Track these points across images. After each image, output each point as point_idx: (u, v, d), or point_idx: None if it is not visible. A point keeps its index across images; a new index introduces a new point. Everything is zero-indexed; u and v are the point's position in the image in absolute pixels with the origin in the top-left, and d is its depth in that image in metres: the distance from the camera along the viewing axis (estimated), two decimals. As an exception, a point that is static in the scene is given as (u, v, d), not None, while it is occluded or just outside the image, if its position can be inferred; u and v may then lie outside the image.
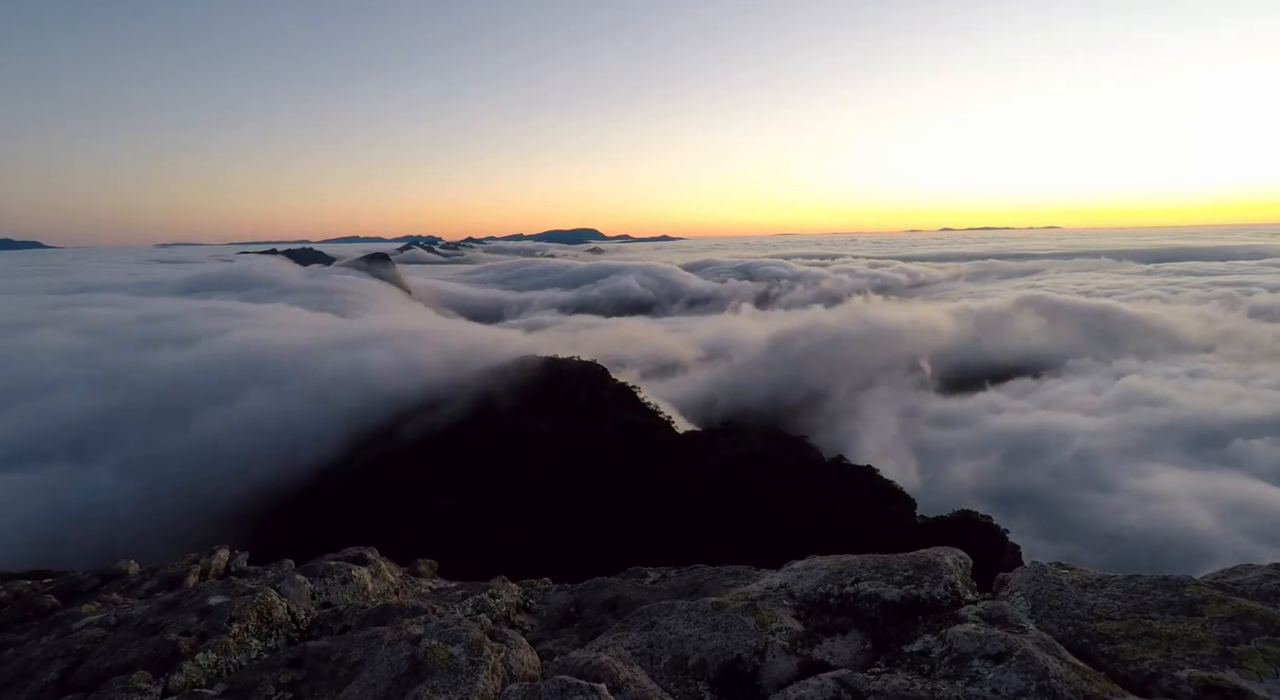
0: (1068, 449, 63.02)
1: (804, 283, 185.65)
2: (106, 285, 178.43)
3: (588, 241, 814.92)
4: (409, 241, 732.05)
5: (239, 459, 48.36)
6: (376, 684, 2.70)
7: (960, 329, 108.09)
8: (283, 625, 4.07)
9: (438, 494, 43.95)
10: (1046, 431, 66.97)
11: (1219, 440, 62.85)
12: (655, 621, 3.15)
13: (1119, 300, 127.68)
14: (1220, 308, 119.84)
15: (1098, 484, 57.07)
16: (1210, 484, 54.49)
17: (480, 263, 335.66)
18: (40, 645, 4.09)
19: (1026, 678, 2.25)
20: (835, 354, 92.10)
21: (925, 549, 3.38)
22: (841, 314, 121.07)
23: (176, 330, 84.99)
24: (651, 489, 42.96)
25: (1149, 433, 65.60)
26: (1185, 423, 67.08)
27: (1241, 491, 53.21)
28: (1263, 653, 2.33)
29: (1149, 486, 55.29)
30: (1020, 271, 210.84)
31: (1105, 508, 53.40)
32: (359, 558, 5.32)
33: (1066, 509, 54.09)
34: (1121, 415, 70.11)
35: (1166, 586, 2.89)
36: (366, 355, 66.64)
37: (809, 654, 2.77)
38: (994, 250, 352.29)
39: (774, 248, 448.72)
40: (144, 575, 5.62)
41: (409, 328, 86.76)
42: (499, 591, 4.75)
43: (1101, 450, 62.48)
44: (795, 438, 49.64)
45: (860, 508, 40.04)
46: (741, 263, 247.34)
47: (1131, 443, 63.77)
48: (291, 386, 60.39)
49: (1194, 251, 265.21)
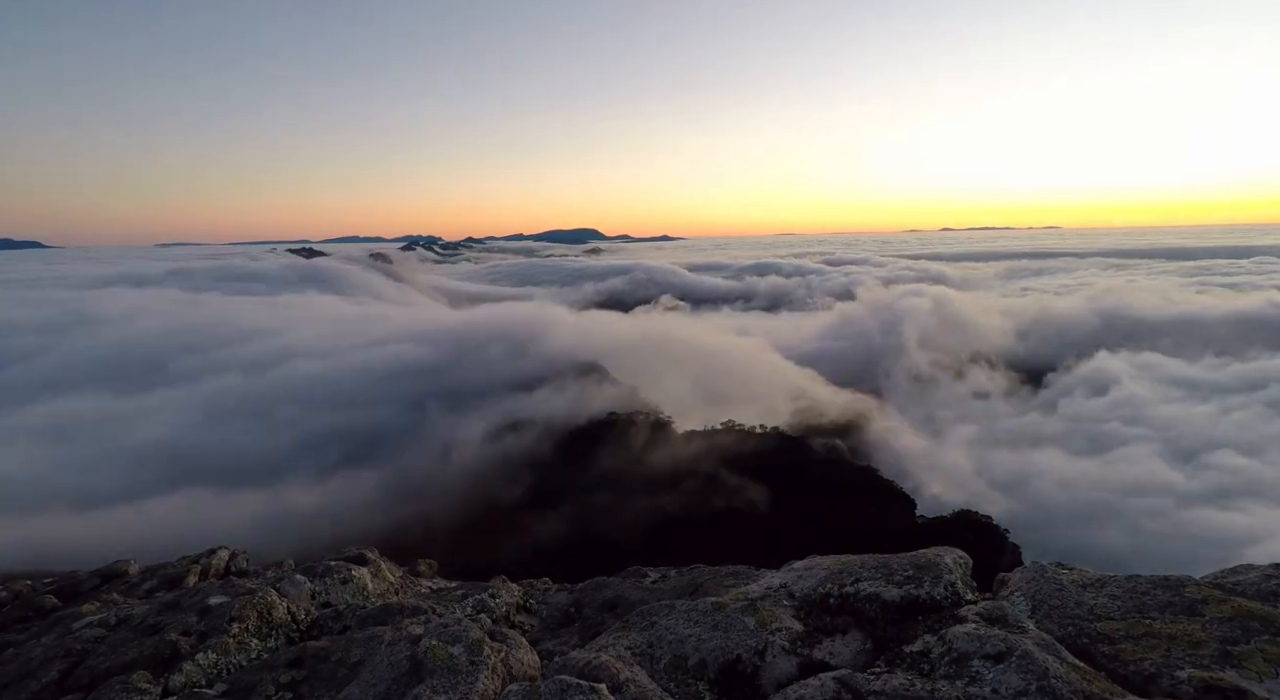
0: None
1: (855, 280, 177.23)
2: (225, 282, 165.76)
3: (588, 241, 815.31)
4: (409, 241, 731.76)
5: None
6: (376, 684, 2.70)
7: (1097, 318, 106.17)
8: (283, 625, 4.07)
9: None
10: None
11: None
12: (655, 621, 3.15)
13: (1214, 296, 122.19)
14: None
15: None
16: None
17: (486, 262, 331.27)
18: (40, 645, 4.09)
19: (1026, 678, 2.25)
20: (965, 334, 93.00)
21: (925, 549, 3.38)
22: (968, 299, 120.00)
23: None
24: (653, 489, 42.99)
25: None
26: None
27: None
28: (1263, 653, 2.33)
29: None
30: (1056, 269, 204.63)
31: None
32: (359, 558, 5.32)
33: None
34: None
35: (1166, 586, 2.89)
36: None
37: (809, 654, 2.77)
38: (1013, 249, 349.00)
39: (777, 248, 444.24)
40: (144, 575, 5.62)
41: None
42: (499, 591, 4.75)
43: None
44: (795, 438, 49.64)
45: (860, 508, 40.07)
46: (768, 263, 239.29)
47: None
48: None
49: (1207, 251, 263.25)
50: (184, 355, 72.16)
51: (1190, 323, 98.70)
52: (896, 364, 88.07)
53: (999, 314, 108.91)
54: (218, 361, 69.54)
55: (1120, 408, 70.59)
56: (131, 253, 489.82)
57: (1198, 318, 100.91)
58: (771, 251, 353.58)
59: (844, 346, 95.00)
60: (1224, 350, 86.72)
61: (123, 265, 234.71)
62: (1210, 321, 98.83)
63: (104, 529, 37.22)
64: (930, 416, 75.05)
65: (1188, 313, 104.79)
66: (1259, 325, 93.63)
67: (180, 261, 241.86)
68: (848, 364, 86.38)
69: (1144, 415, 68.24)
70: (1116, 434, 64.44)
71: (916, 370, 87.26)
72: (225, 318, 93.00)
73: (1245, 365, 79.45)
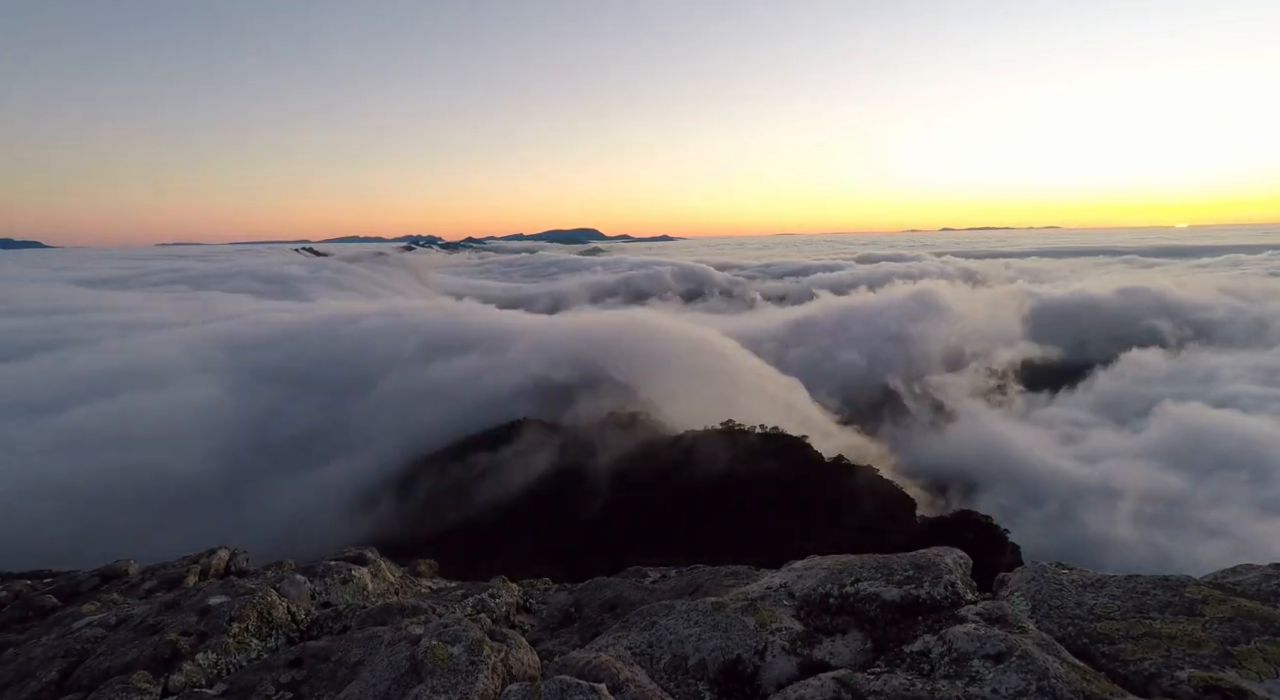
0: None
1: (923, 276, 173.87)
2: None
3: (587, 241, 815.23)
4: (409, 241, 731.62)
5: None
6: (376, 684, 2.70)
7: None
8: (283, 625, 4.07)
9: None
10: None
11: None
12: (655, 622, 3.15)
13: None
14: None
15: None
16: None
17: (493, 261, 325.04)
18: (40, 645, 4.09)
19: (1026, 678, 2.25)
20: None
21: (925, 549, 3.38)
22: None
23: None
24: (651, 489, 42.98)
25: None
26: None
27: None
28: (1263, 653, 2.33)
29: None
30: (1076, 269, 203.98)
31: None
32: (359, 558, 5.32)
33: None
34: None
35: (1166, 586, 2.89)
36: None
37: (809, 654, 2.77)
38: (1024, 248, 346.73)
39: (782, 248, 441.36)
40: (144, 575, 5.62)
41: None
42: (499, 591, 4.75)
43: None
44: (795, 438, 49.58)
45: (860, 508, 40.06)
46: (829, 263, 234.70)
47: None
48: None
49: (1218, 248, 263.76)
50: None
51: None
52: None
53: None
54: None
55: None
56: (149, 252, 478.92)
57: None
58: (785, 253, 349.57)
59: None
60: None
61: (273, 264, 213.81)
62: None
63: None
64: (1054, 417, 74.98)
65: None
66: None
67: (261, 257, 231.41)
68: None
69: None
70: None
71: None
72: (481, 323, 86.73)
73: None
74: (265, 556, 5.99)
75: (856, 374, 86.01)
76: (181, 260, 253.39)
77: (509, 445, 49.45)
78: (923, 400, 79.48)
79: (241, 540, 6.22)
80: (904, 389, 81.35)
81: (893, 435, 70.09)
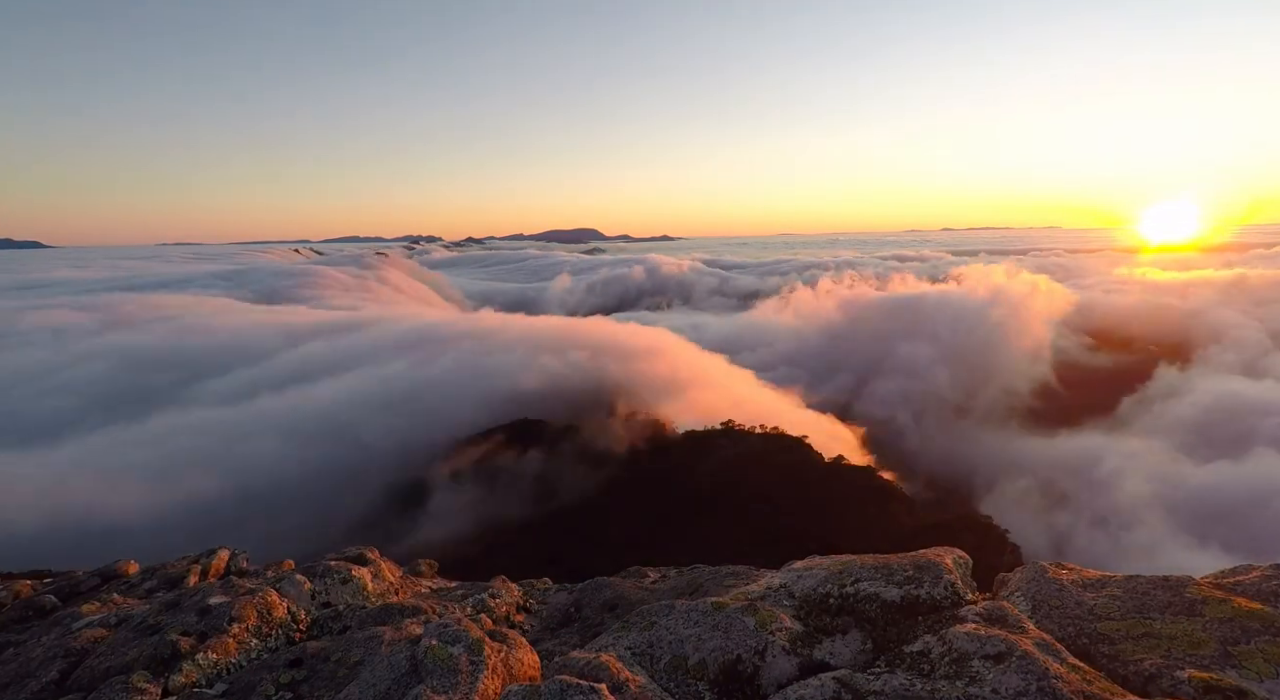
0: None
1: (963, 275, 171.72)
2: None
3: (588, 241, 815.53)
4: (409, 241, 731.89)
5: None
6: (376, 684, 2.70)
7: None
8: (283, 625, 4.07)
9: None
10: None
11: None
12: (655, 622, 3.15)
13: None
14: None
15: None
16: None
17: (501, 261, 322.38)
18: (40, 645, 4.09)
19: (1026, 678, 2.25)
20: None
21: (925, 549, 3.38)
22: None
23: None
24: (652, 488, 42.98)
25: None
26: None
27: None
28: (1263, 653, 2.33)
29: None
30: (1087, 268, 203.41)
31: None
32: (359, 558, 5.31)
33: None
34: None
35: (1166, 587, 2.89)
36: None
37: (809, 654, 2.77)
38: (1022, 246, 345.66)
39: (783, 248, 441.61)
40: (144, 575, 5.62)
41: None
42: (499, 591, 4.75)
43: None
44: (795, 438, 49.57)
45: (860, 508, 40.02)
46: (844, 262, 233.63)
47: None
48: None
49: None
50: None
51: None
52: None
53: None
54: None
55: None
56: (161, 252, 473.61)
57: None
58: (785, 252, 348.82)
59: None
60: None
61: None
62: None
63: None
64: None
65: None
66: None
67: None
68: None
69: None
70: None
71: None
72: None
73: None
74: (265, 557, 5.99)
75: (857, 374, 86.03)
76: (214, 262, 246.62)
77: (509, 445, 49.46)
78: (923, 400, 79.44)
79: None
80: (904, 389, 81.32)
81: (893, 435, 70.06)
